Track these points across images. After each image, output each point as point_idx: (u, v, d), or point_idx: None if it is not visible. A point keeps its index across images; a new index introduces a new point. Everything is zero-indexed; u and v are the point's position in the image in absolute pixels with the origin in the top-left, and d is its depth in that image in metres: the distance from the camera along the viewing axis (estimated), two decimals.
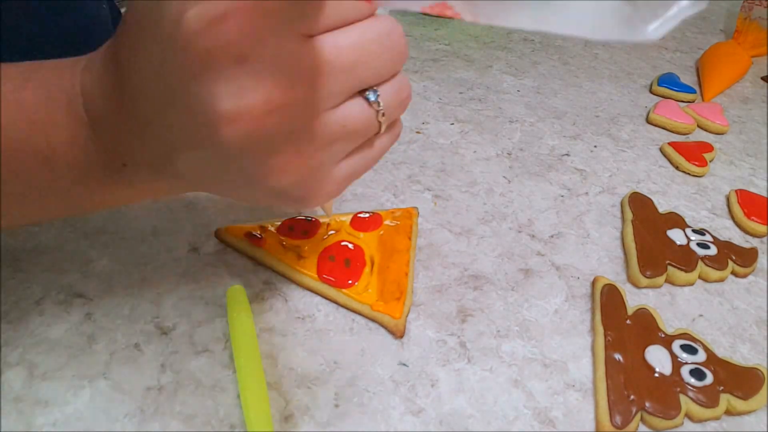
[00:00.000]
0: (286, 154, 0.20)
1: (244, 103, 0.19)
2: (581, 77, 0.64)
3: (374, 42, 0.21)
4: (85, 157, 0.24)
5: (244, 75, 0.18)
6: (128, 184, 0.26)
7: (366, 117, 0.22)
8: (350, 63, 0.20)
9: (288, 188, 0.22)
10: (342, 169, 0.23)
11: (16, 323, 0.32)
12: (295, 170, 0.21)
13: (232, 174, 0.22)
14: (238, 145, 0.20)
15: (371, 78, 0.21)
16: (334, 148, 0.22)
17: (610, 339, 0.33)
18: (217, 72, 0.18)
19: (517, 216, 0.43)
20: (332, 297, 0.35)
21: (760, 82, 0.67)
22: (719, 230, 0.44)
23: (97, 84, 0.23)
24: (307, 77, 0.19)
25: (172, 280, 0.35)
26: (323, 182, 0.23)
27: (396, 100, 0.23)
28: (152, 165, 0.24)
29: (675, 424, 0.30)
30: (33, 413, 0.28)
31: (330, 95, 0.20)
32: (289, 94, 0.19)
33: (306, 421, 0.29)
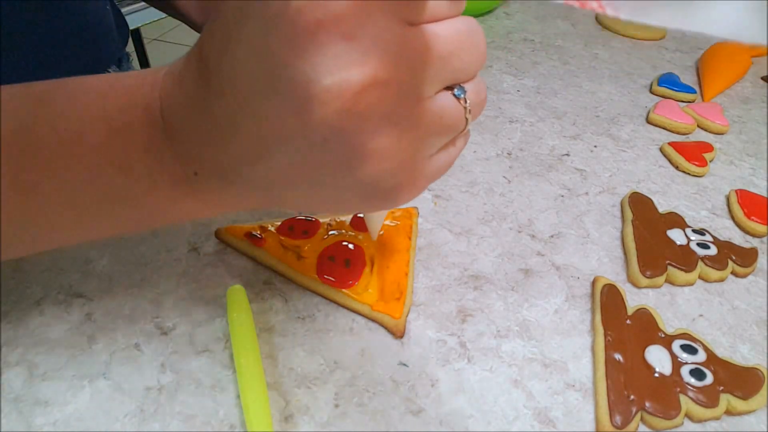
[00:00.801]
0: (387, 137, 0.20)
1: (349, 78, 0.18)
2: (581, 77, 0.64)
3: (465, 38, 0.21)
4: (158, 164, 0.24)
5: (350, 51, 0.18)
6: (197, 195, 0.25)
7: (458, 112, 0.22)
8: (447, 53, 0.20)
9: (382, 178, 0.21)
10: (432, 164, 0.23)
11: (16, 323, 0.32)
12: (393, 156, 0.21)
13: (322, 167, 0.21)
14: (338, 123, 0.19)
15: (461, 73, 0.22)
16: (431, 139, 0.22)
17: (610, 339, 0.33)
18: (323, 46, 0.18)
19: (517, 216, 0.43)
20: (332, 297, 0.35)
21: (760, 82, 0.67)
22: (719, 230, 0.44)
23: (177, 86, 0.23)
24: (411, 61, 0.20)
25: (172, 280, 0.35)
26: (417, 175, 0.23)
27: (477, 99, 0.23)
28: (224, 173, 0.23)
29: (675, 424, 0.30)
30: (33, 413, 0.28)
31: (428, 83, 0.21)
32: (393, 75, 0.19)
33: (306, 421, 0.29)
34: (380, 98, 0.19)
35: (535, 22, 0.75)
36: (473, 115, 0.23)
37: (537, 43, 0.70)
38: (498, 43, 0.69)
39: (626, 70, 0.66)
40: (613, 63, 0.67)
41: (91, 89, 0.24)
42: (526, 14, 0.77)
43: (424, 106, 0.21)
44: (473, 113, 0.23)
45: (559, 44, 0.70)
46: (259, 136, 0.21)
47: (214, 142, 0.22)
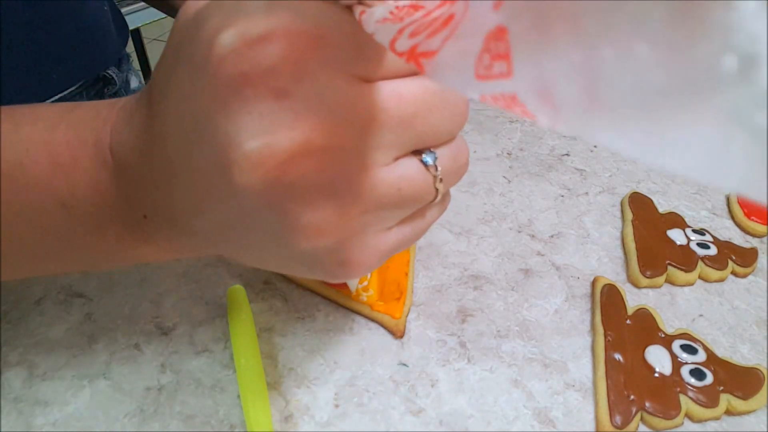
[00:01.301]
0: (324, 211, 0.17)
1: (274, 144, 0.16)
2: None
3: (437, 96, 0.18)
4: (104, 203, 0.22)
5: (280, 110, 0.16)
6: (146, 239, 0.23)
7: (423, 181, 0.19)
8: (409, 115, 0.17)
9: (323, 254, 0.19)
10: (389, 239, 0.20)
11: (16, 323, 0.32)
12: (333, 231, 0.18)
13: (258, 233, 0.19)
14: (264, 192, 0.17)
15: (429, 137, 0.18)
16: (385, 213, 0.19)
17: (610, 339, 0.33)
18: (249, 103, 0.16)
19: (517, 216, 0.43)
20: (332, 297, 0.35)
21: None
22: (719, 230, 0.44)
23: (127, 125, 0.21)
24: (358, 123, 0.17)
25: (172, 280, 0.35)
26: (366, 251, 0.19)
27: (453, 166, 0.20)
28: (173, 220, 0.21)
29: (675, 424, 0.30)
30: (33, 413, 0.28)
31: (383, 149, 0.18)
32: (333, 140, 0.16)
33: (306, 421, 0.29)
34: (316, 167, 0.16)
35: None
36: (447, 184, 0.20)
37: None
38: None
39: None
40: None
41: (39, 119, 0.23)
42: None
43: (376, 176, 0.18)
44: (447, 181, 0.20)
45: None
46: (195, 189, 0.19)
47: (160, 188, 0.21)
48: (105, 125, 0.22)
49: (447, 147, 0.19)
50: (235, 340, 0.31)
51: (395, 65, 0.17)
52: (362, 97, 0.17)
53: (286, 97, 0.16)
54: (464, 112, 0.19)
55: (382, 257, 0.21)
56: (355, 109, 0.16)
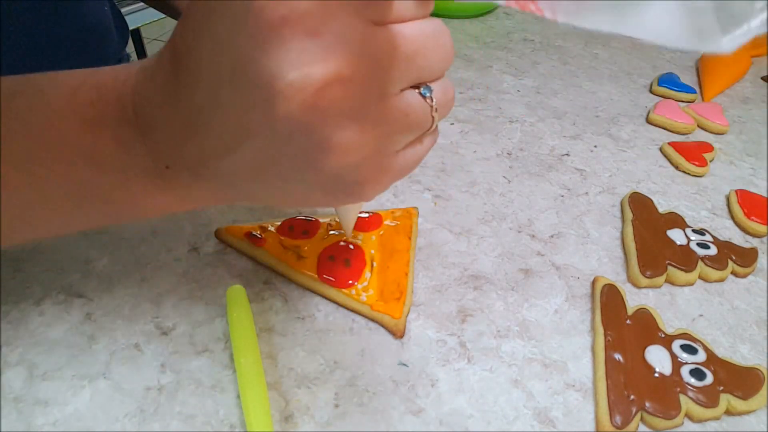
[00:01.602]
0: (351, 132, 0.21)
1: (311, 73, 0.19)
2: (581, 77, 0.64)
3: (431, 37, 0.21)
4: (129, 157, 0.24)
5: (314, 47, 0.19)
6: (169, 189, 0.25)
7: (424, 110, 0.23)
8: (412, 52, 0.21)
9: (346, 172, 0.22)
10: (398, 161, 0.24)
11: (16, 323, 0.32)
12: (357, 150, 0.21)
13: (287, 161, 0.22)
14: (302, 117, 0.20)
15: (426, 72, 0.22)
16: (396, 136, 0.22)
17: (610, 339, 0.33)
18: (287, 41, 0.19)
19: (517, 216, 0.43)
20: (332, 297, 0.35)
21: (760, 82, 0.67)
22: (719, 230, 0.44)
23: (150, 81, 0.23)
24: (375, 58, 0.20)
25: (172, 280, 0.35)
26: (382, 170, 0.23)
27: (444, 99, 0.23)
28: (194, 167, 0.24)
29: (675, 424, 0.30)
30: (33, 413, 0.28)
31: (393, 81, 0.21)
32: (357, 71, 0.19)
33: (306, 421, 0.29)
34: (344, 94, 0.20)
35: (535, 22, 0.75)
36: (440, 114, 0.24)
37: (537, 43, 0.70)
38: (498, 43, 0.69)
39: (626, 70, 0.66)
40: (613, 63, 0.67)
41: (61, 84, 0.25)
42: (526, 14, 0.77)
43: (389, 103, 0.21)
44: (440, 112, 0.23)
45: (559, 44, 0.70)
46: (227, 130, 0.21)
47: (185, 136, 0.23)
48: (125, 86, 0.24)
49: (439, 82, 0.23)
50: (235, 340, 0.31)
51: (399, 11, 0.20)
52: (376, 36, 0.20)
53: (318, 35, 0.19)
54: (450, 53, 0.23)
55: (392, 178, 0.24)
56: (371, 46, 0.20)
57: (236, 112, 0.21)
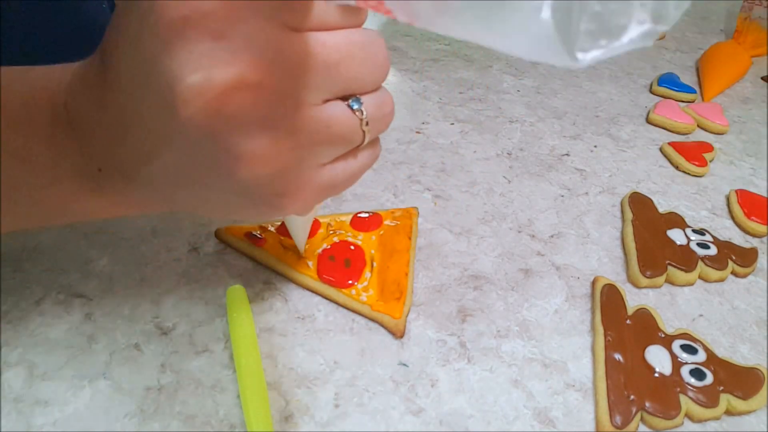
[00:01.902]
0: (260, 140, 0.20)
1: (214, 77, 0.18)
2: (581, 77, 0.63)
3: (358, 47, 0.21)
4: (61, 157, 0.24)
5: (218, 50, 0.18)
6: (102, 192, 0.25)
7: (350, 122, 0.22)
8: (334, 62, 0.20)
9: (263, 183, 0.21)
10: (323, 175, 0.23)
11: (16, 323, 0.32)
12: (269, 161, 0.20)
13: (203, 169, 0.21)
14: (202, 123, 0.19)
15: (354, 84, 0.21)
16: (317, 149, 0.22)
17: (610, 339, 0.33)
18: (190, 43, 0.18)
19: (517, 216, 0.43)
20: (332, 297, 0.35)
21: (760, 82, 0.67)
22: (719, 230, 0.44)
23: (81, 81, 0.23)
24: (288, 65, 0.19)
25: (172, 280, 0.35)
26: (302, 184, 0.22)
27: (379, 113, 0.22)
28: (126, 172, 0.23)
29: (675, 424, 0.30)
30: (33, 413, 0.28)
31: (312, 90, 0.20)
32: (266, 78, 0.19)
33: (306, 421, 0.29)
34: (251, 101, 0.19)
35: None
36: (374, 129, 0.23)
37: None
38: None
39: (626, 70, 0.66)
40: (613, 63, 0.67)
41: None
42: None
43: (308, 114, 0.20)
44: (373, 126, 0.22)
45: None
46: (147, 134, 0.21)
47: (115, 138, 0.22)
48: (59, 85, 0.23)
49: (372, 96, 0.22)
50: (235, 340, 0.31)
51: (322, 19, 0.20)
52: (290, 42, 0.19)
53: (223, 38, 0.18)
54: (384, 65, 0.22)
55: (317, 193, 0.23)
56: (284, 53, 0.19)
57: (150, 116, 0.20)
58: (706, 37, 0.75)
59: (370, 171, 0.26)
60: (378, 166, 0.46)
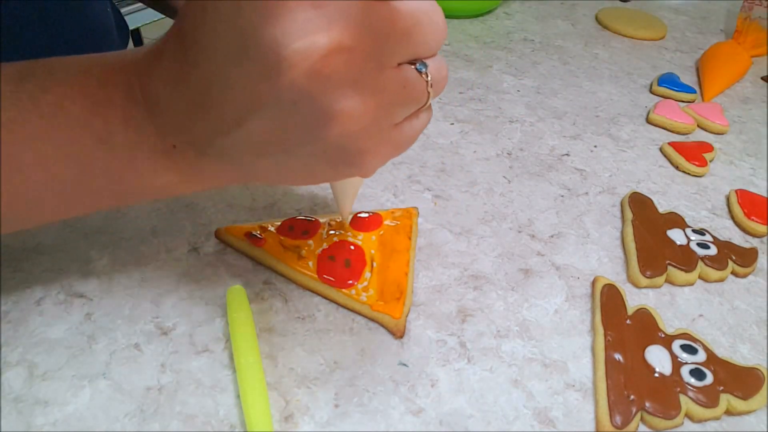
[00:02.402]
0: (352, 100, 0.21)
1: (316, 42, 0.20)
2: (581, 77, 0.64)
3: (425, 14, 0.22)
4: (137, 136, 0.25)
5: (318, 17, 0.20)
6: (176, 169, 0.26)
7: (420, 84, 0.23)
8: (409, 27, 0.21)
9: (348, 140, 0.23)
10: (396, 134, 0.24)
11: (16, 323, 0.32)
12: (358, 118, 0.22)
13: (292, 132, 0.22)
14: (306, 84, 0.20)
15: (422, 48, 0.23)
16: (394, 108, 0.23)
17: (610, 339, 0.33)
18: (293, 12, 0.19)
19: (517, 216, 0.43)
20: (332, 297, 0.35)
21: (760, 82, 0.67)
22: (719, 230, 0.44)
23: (157, 61, 0.24)
24: (374, 31, 0.21)
25: (172, 280, 0.35)
26: (382, 141, 0.24)
27: (439, 76, 0.24)
28: (201, 146, 0.25)
29: (675, 424, 0.30)
30: (33, 413, 0.28)
31: (391, 54, 0.22)
32: (357, 42, 0.20)
33: (306, 421, 0.29)
34: (345, 63, 0.21)
35: (535, 22, 0.75)
36: (435, 91, 0.24)
37: (537, 43, 0.70)
38: (498, 43, 0.69)
39: (626, 70, 0.66)
40: (613, 63, 0.67)
41: (72, 66, 0.26)
42: (526, 14, 0.77)
43: (388, 75, 0.22)
44: (435, 89, 0.24)
45: (559, 44, 0.70)
46: (233, 104, 0.22)
47: (191, 114, 0.24)
48: (132, 68, 0.25)
49: (432, 60, 0.24)
50: (235, 340, 0.31)
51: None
52: (376, 9, 0.21)
53: (321, 6, 0.20)
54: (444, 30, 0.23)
55: (391, 150, 0.25)
56: (371, 18, 0.21)
57: (242, 84, 0.21)
58: (706, 37, 0.75)
59: None
60: None
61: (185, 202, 0.41)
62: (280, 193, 0.42)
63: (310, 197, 0.42)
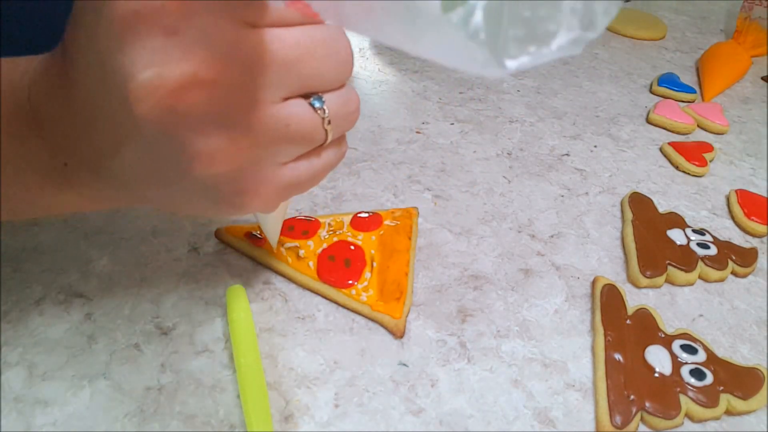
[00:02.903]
0: (215, 139, 0.19)
1: (165, 74, 0.18)
2: (581, 77, 0.64)
3: (319, 45, 0.20)
4: (24, 151, 0.23)
5: (171, 47, 0.17)
6: (68, 187, 0.24)
7: (311, 121, 0.21)
8: (293, 59, 0.20)
9: (221, 181, 0.21)
10: (285, 174, 0.22)
11: (16, 323, 0.32)
12: (226, 160, 0.20)
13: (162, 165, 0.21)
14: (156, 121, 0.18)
15: (315, 82, 0.21)
16: (277, 148, 0.21)
17: (610, 339, 0.33)
18: (142, 39, 0.17)
19: (517, 216, 0.43)
20: (332, 297, 0.35)
21: (760, 82, 0.67)
22: (719, 230, 0.44)
23: (44, 75, 0.22)
24: (244, 62, 0.19)
25: (172, 280, 0.35)
26: (262, 182, 0.22)
27: (343, 111, 0.22)
28: (93, 166, 0.23)
29: (675, 424, 0.30)
30: (33, 413, 0.28)
31: (270, 88, 0.20)
32: (221, 75, 0.18)
33: (306, 421, 0.29)
34: (206, 98, 0.18)
35: None
36: (338, 128, 0.22)
37: None
38: None
39: (626, 70, 0.66)
40: (613, 63, 0.67)
41: None
42: None
43: (265, 112, 0.20)
44: (336, 125, 0.22)
45: None
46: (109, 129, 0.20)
47: (79, 132, 0.22)
48: (22, 78, 0.23)
49: (335, 93, 0.22)
50: (235, 340, 0.31)
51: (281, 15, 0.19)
52: (246, 38, 0.18)
53: (176, 34, 0.17)
54: (347, 62, 0.21)
55: (278, 191, 0.23)
56: (240, 49, 0.18)
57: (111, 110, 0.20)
58: (706, 37, 0.75)
59: (370, 171, 0.26)
60: (378, 166, 0.46)
61: None
62: None
63: (310, 197, 0.42)
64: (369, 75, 0.59)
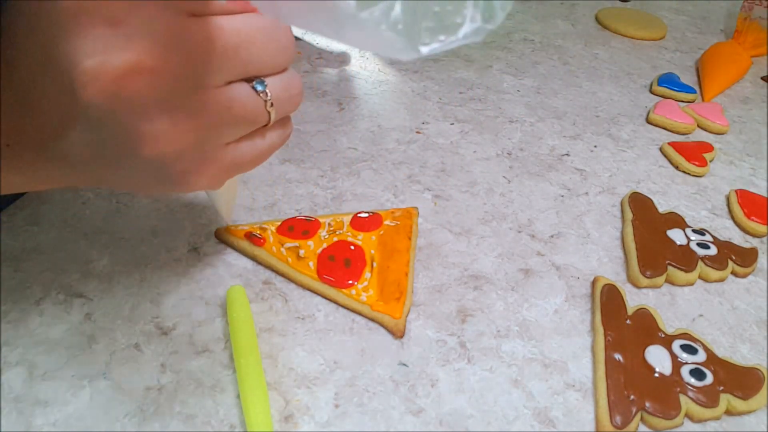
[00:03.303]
0: (159, 122, 0.20)
1: (107, 62, 0.19)
2: (581, 77, 0.64)
3: (259, 31, 0.21)
4: None
5: (113, 36, 0.19)
6: (14, 168, 0.25)
7: (253, 103, 0.22)
8: (233, 45, 0.21)
9: (167, 161, 0.22)
10: (229, 154, 0.23)
11: (16, 323, 0.32)
12: (171, 141, 0.21)
13: (110, 147, 0.21)
14: (102, 106, 0.19)
15: (256, 66, 0.22)
16: (221, 129, 0.22)
17: (610, 339, 0.33)
18: (86, 29, 0.18)
19: (517, 216, 0.43)
20: (332, 297, 0.35)
21: (760, 82, 0.67)
22: (719, 230, 0.44)
23: None
24: (186, 50, 0.20)
25: (172, 280, 0.35)
26: (207, 162, 0.23)
27: (285, 94, 0.23)
28: (36, 146, 0.23)
29: (675, 424, 0.30)
30: (33, 413, 0.28)
31: (212, 74, 0.21)
32: (162, 62, 0.19)
33: (306, 421, 0.29)
34: (149, 84, 0.19)
35: (535, 22, 0.75)
36: (281, 110, 0.23)
37: (537, 43, 0.70)
38: (498, 43, 0.69)
39: (626, 70, 0.66)
40: (613, 63, 0.67)
41: None
42: (526, 14, 0.77)
43: (208, 96, 0.21)
44: (279, 108, 0.23)
45: (559, 44, 0.70)
46: (51, 113, 0.21)
47: (19, 115, 0.22)
48: None
49: (278, 77, 0.23)
50: (235, 340, 0.31)
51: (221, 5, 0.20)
52: (188, 27, 0.20)
53: (119, 24, 0.19)
54: (288, 47, 0.23)
55: (224, 170, 0.24)
56: (181, 37, 0.19)
57: (54, 96, 0.20)
58: (706, 37, 0.75)
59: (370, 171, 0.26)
60: (378, 166, 0.46)
61: (185, 202, 0.41)
62: (280, 193, 0.42)
63: (310, 197, 0.42)
64: (369, 75, 0.59)
